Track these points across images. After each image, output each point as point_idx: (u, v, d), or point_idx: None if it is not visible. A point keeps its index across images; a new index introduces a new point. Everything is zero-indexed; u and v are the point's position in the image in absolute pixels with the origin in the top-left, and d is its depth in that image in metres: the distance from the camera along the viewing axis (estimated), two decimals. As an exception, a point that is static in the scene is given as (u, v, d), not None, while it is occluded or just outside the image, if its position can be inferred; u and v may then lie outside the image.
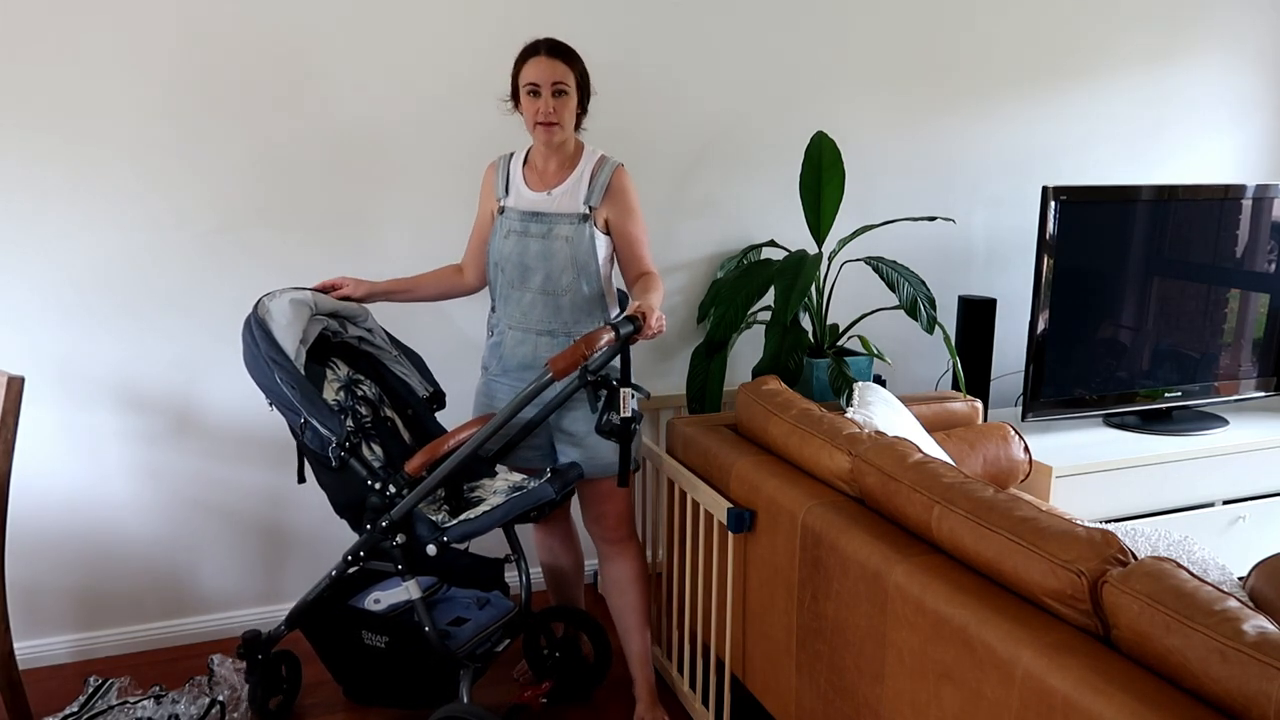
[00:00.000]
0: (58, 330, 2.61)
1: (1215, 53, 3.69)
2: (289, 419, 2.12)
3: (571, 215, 2.29)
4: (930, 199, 3.43)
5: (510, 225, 2.32)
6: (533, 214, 2.31)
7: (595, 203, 2.30)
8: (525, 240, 2.30)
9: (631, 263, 2.37)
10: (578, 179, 2.31)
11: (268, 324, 2.14)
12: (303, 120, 2.71)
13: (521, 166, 2.37)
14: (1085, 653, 1.36)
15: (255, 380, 2.13)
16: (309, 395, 2.08)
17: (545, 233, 2.29)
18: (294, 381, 2.08)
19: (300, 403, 2.07)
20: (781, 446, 2.21)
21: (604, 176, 2.31)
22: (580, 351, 2.02)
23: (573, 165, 2.32)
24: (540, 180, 2.33)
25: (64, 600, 2.76)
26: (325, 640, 2.34)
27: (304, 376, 2.11)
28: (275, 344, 2.11)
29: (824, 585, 1.88)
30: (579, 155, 2.33)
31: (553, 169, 2.33)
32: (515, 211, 2.32)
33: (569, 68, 2.22)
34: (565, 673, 2.61)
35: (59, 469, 2.68)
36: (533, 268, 2.30)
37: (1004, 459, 2.61)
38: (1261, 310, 3.27)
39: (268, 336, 2.11)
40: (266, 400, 2.14)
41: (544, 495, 2.19)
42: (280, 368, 2.09)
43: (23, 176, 2.52)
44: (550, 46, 2.22)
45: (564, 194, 2.31)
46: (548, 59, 2.20)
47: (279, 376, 2.08)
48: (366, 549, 2.18)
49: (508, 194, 2.35)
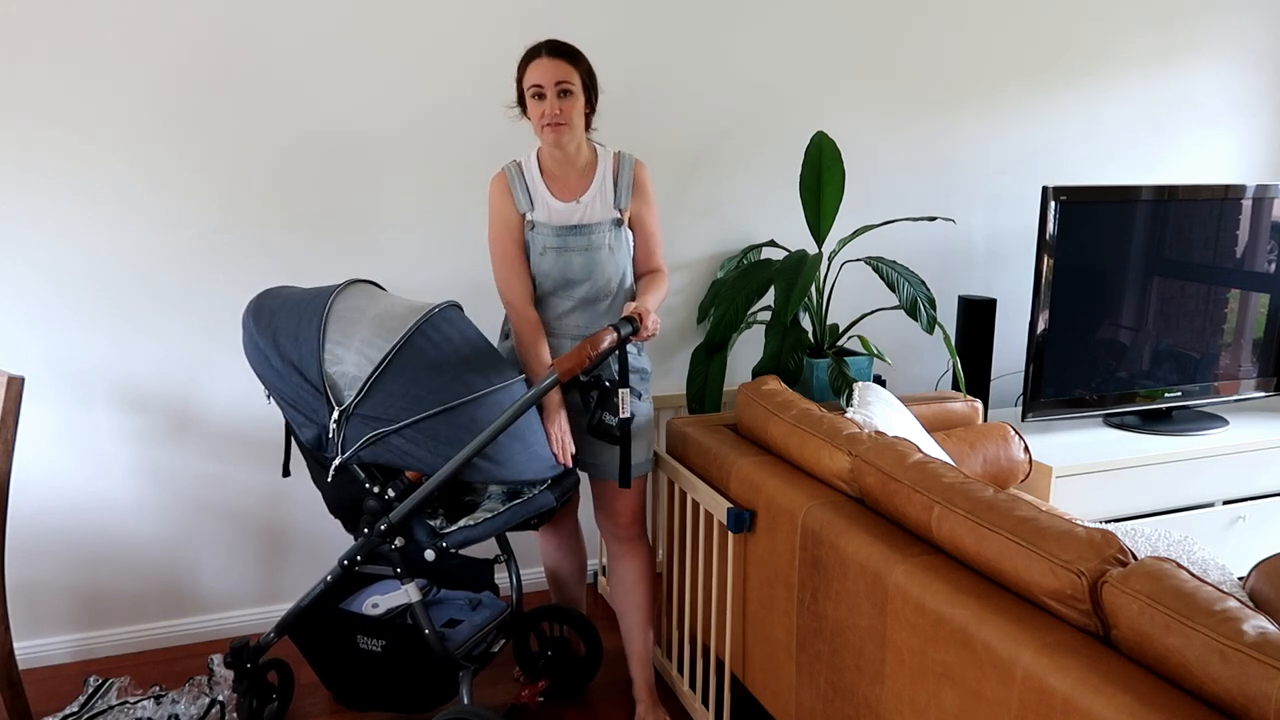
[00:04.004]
0: (58, 330, 2.61)
1: (1215, 53, 3.69)
2: (290, 415, 2.13)
3: (607, 222, 2.26)
4: (930, 199, 3.43)
5: (545, 242, 2.24)
6: (569, 227, 2.24)
7: (625, 204, 2.28)
8: (567, 255, 2.24)
9: (646, 256, 2.36)
10: (601, 181, 2.27)
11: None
12: (304, 120, 2.71)
13: (540, 176, 2.27)
14: (1085, 653, 1.36)
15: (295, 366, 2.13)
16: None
17: (587, 245, 2.24)
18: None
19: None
20: (781, 446, 2.21)
21: (627, 175, 2.28)
22: (586, 353, 2.02)
23: (592, 168, 2.28)
24: (564, 189, 2.26)
25: (64, 600, 2.76)
26: (317, 646, 2.30)
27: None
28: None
29: (824, 585, 1.88)
30: (595, 157, 2.29)
31: (574, 175, 2.26)
32: (548, 227, 2.24)
33: (573, 67, 2.16)
34: (559, 671, 2.61)
35: (59, 469, 2.68)
36: (577, 280, 2.25)
37: (1004, 459, 2.61)
38: (1261, 310, 3.27)
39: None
40: (265, 393, 2.13)
41: (545, 504, 2.19)
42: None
43: (23, 176, 2.52)
44: (552, 47, 2.16)
45: (592, 200, 2.26)
46: (550, 60, 2.14)
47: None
48: (364, 553, 2.18)
49: (534, 207, 2.26)
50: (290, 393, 2.11)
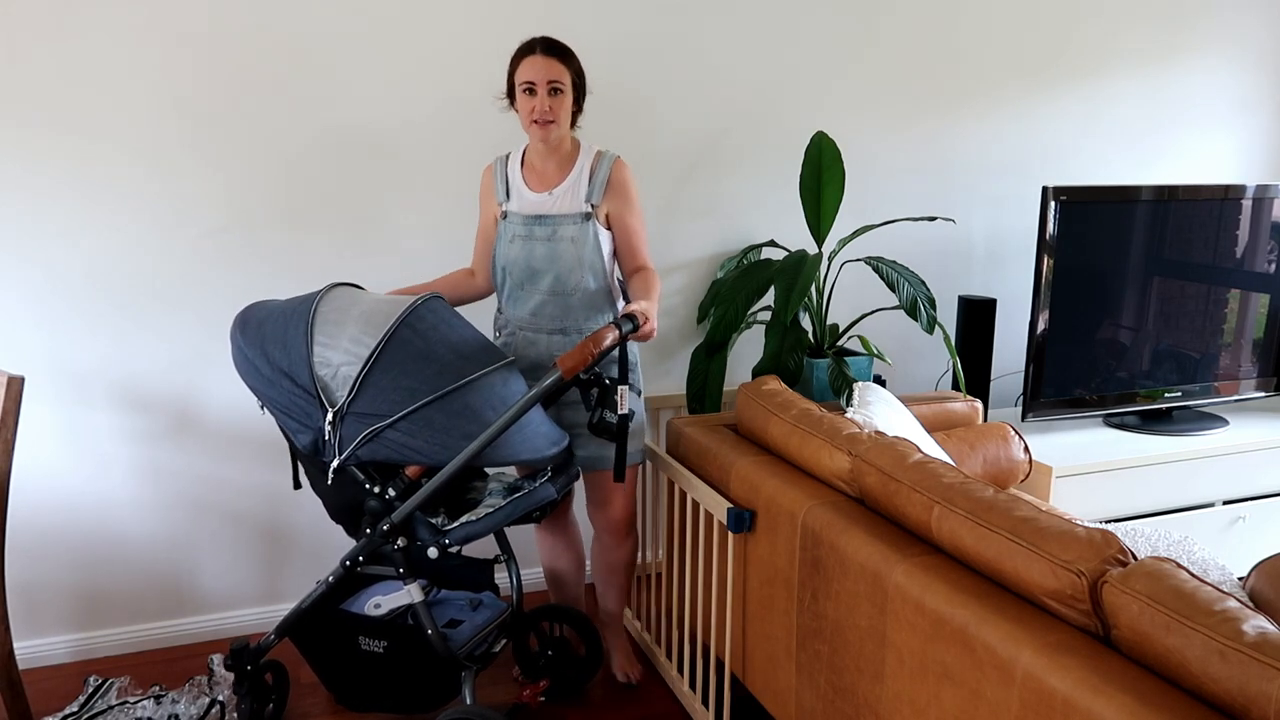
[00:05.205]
0: (59, 330, 2.61)
1: (1215, 53, 3.69)
2: (284, 422, 2.12)
3: (575, 215, 2.31)
4: (930, 199, 3.43)
5: (514, 230, 2.34)
6: (536, 217, 2.32)
7: (597, 200, 2.32)
8: (531, 244, 2.32)
9: (629, 255, 2.39)
10: (577, 176, 2.33)
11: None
12: (310, 120, 2.71)
13: (520, 168, 2.38)
14: (1085, 653, 1.36)
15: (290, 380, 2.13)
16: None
17: (550, 235, 2.31)
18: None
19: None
20: (781, 446, 2.21)
21: (603, 172, 2.33)
22: (589, 350, 2.04)
23: (571, 163, 2.34)
24: (540, 181, 2.35)
25: (64, 600, 2.76)
26: (318, 647, 2.30)
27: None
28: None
29: (824, 585, 1.88)
30: (576, 153, 2.36)
31: (552, 168, 2.34)
32: (518, 216, 2.34)
33: (564, 66, 2.24)
34: (559, 670, 2.61)
35: (59, 469, 2.68)
36: (541, 270, 2.33)
37: (1004, 459, 2.61)
38: (1261, 310, 3.27)
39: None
40: (259, 404, 2.14)
41: (546, 496, 2.19)
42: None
43: (24, 176, 2.52)
44: (546, 45, 2.24)
45: (565, 193, 2.32)
46: (543, 58, 2.22)
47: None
48: (366, 553, 2.18)
49: (509, 198, 2.37)
50: (283, 400, 2.11)
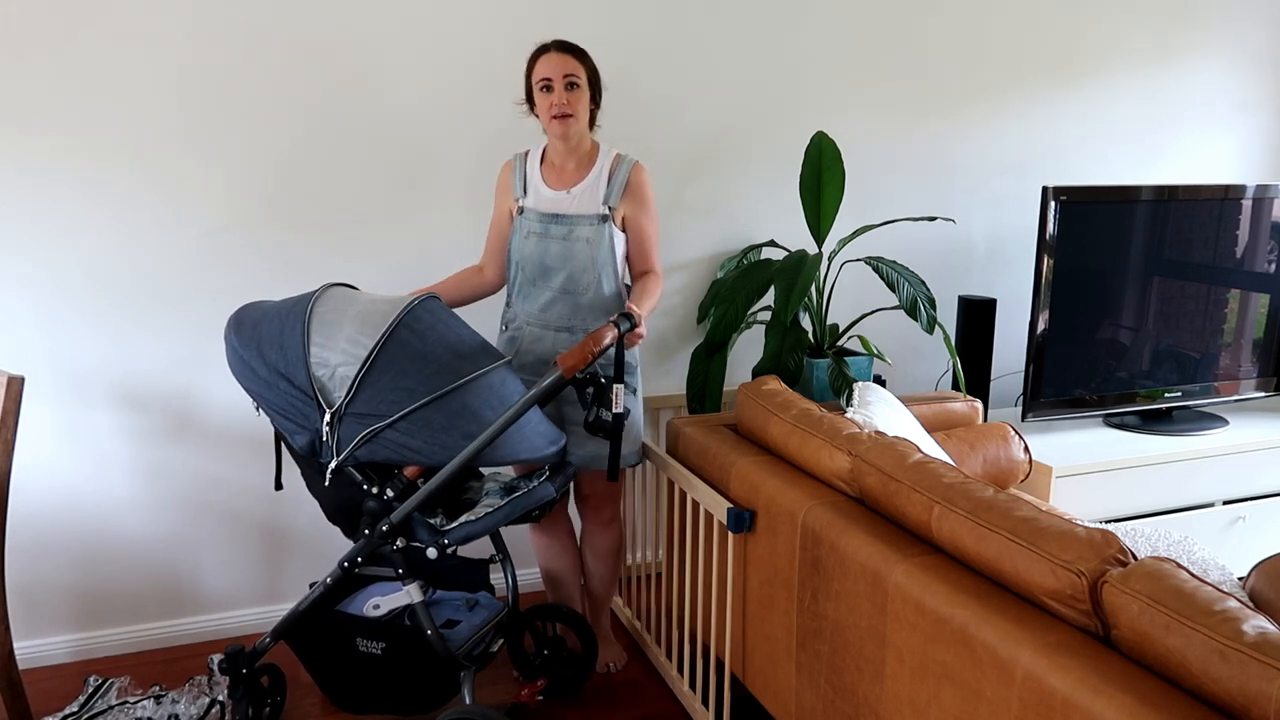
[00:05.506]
0: (59, 329, 2.61)
1: (1215, 53, 3.69)
2: (280, 424, 2.12)
3: (591, 216, 2.34)
4: (930, 199, 3.43)
5: (530, 226, 2.37)
6: (553, 215, 2.35)
7: (614, 202, 2.35)
8: (546, 241, 2.35)
9: (640, 258, 2.43)
10: (596, 177, 2.36)
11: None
12: (310, 120, 2.71)
13: (539, 165, 2.41)
14: (1085, 653, 1.36)
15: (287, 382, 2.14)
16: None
17: (566, 234, 2.33)
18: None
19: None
20: (781, 446, 2.21)
21: (622, 175, 2.36)
22: (589, 349, 2.05)
23: (590, 163, 2.37)
24: (559, 179, 2.38)
25: (64, 600, 2.76)
26: (314, 649, 2.28)
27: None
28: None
29: (824, 585, 1.88)
30: (596, 153, 2.39)
31: (571, 167, 2.37)
32: (535, 212, 2.37)
33: (579, 62, 2.30)
34: (555, 669, 2.61)
35: (59, 468, 2.68)
36: (554, 268, 2.35)
37: (1004, 459, 2.61)
38: (1261, 310, 3.27)
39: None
40: (254, 406, 2.14)
41: (545, 495, 2.19)
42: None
43: (25, 176, 2.52)
44: (560, 44, 2.31)
45: (583, 193, 2.35)
46: (558, 54, 2.29)
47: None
48: (365, 554, 2.17)
49: (526, 194, 2.40)
50: (279, 401, 2.10)
